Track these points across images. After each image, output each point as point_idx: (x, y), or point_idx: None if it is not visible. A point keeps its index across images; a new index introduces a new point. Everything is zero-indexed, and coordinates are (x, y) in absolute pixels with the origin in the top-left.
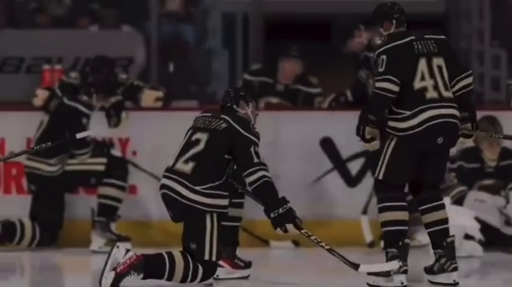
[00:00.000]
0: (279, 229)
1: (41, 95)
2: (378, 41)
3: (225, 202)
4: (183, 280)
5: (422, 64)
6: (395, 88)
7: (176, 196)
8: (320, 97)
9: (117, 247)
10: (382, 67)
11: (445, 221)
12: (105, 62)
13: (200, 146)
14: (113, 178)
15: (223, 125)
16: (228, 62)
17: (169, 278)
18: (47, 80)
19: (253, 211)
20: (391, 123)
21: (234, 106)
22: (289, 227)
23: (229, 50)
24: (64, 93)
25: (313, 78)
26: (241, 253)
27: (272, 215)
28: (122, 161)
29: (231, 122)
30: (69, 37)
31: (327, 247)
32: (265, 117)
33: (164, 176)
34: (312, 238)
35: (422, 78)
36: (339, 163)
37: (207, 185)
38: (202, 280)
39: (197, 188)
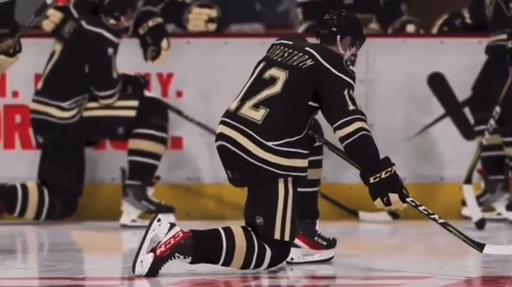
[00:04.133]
0: (379, 199)
1: (53, 17)
2: None
3: (304, 163)
4: (245, 265)
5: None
6: None
7: (240, 152)
8: (411, 24)
9: (158, 220)
10: None
11: None
12: None
13: (276, 88)
14: (149, 127)
15: (309, 62)
16: None
17: (227, 263)
18: None
19: (336, 171)
20: None
21: (338, 36)
22: (393, 198)
23: None
24: (82, 14)
25: None
26: (322, 228)
27: (372, 181)
28: (161, 104)
29: (319, 58)
30: None
31: (441, 221)
32: None
33: (223, 123)
34: (421, 208)
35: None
36: (452, 108)
37: (284, 141)
38: (270, 265)
39: (270, 144)
